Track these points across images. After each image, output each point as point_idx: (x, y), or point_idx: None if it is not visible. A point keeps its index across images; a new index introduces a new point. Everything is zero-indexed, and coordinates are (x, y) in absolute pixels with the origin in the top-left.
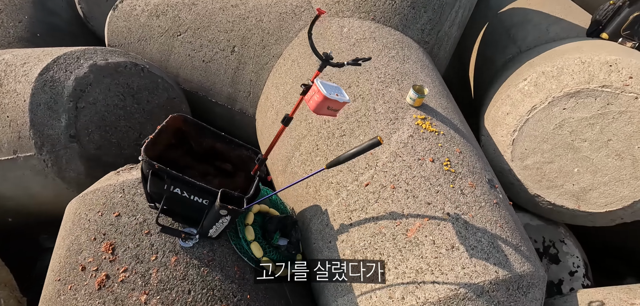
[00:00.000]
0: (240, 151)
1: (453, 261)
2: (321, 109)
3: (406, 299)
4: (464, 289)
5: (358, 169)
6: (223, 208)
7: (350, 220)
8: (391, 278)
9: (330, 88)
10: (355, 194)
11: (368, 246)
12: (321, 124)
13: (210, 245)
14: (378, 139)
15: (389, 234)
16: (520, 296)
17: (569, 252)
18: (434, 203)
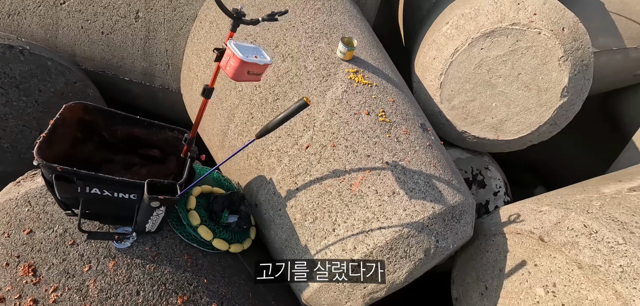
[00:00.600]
0: (164, 133)
1: (395, 205)
2: (240, 74)
3: (358, 248)
4: (407, 229)
5: (296, 133)
6: (153, 199)
7: (296, 185)
8: (342, 232)
9: (247, 50)
10: (297, 158)
11: (317, 207)
12: (252, 90)
13: (153, 240)
14: (304, 100)
15: (334, 192)
16: (454, 223)
17: (493, 176)
18: (373, 154)
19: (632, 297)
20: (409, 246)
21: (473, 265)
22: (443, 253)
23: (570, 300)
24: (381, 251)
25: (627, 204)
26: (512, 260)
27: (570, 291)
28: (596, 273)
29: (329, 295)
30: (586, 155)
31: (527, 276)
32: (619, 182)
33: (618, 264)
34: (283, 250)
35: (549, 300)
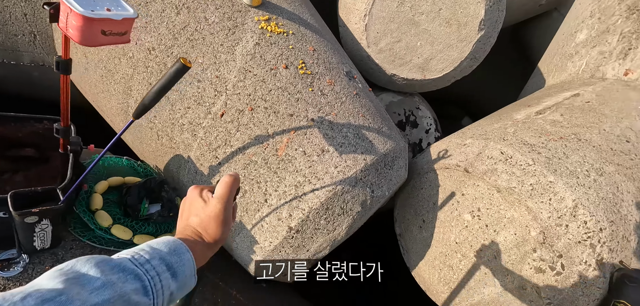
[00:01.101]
0: (30, 126)
1: (326, 164)
2: (92, 37)
3: (293, 215)
4: (341, 186)
5: (207, 100)
6: (26, 214)
7: (218, 159)
8: (274, 201)
9: (93, 2)
10: (213, 129)
11: (244, 180)
12: (147, 55)
13: (53, 256)
14: (181, 62)
15: (260, 161)
16: (388, 171)
17: (423, 115)
18: (296, 113)
19: (539, 210)
20: (345, 202)
21: (411, 202)
22: (380, 201)
23: (492, 220)
24: (317, 214)
25: (535, 128)
26: (443, 193)
27: (492, 213)
28: (511, 194)
29: (274, 266)
30: (502, 85)
31: (456, 206)
32: (528, 107)
33: (529, 183)
34: None
35: (475, 223)
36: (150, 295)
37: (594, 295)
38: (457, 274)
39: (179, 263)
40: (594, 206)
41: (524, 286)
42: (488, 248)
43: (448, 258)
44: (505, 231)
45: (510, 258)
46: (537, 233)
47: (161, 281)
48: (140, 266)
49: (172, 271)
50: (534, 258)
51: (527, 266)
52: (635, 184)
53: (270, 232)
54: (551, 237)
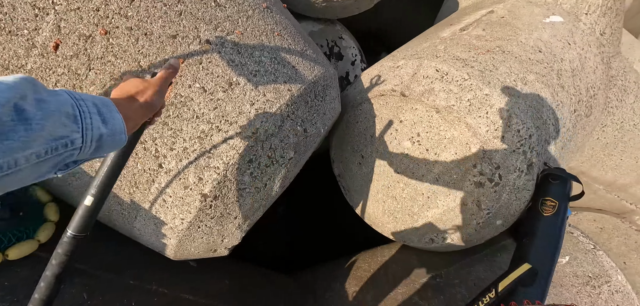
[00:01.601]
0: None
1: (237, 101)
2: None
3: (205, 178)
4: (263, 127)
5: (26, 26)
6: None
7: None
8: (173, 164)
9: None
10: (48, 69)
11: None
12: None
13: None
14: None
15: None
16: (319, 103)
17: (348, 45)
18: (181, 33)
19: (478, 125)
20: (272, 148)
21: (347, 139)
22: (315, 141)
23: (432, 143)
24: (238, 170)
25: (463, 43)
26: (380, 123)
27: (432, 135)
28: (450, 112)
29: (196, 243)
30: (419, 19)
31: (395, 134)
32: (451, 25)
33: (466, 99)
34: (111, 218)
35: (415, 149)
36: (79, 124)
37: (525, 197)
38: (400, 203)
39: (109, 115)
40: (524, 114)
41: (465, 202)
42: (430, 171)
43: (391, 190)
44: (446, 152)
45: (452, 177)
46: (477, 149)
47: (91, 118)
48: (75, 99)
49: (102, 117)
50: (474, 174)
51: (468, 182)
52: (549, 91)
53: (178, 206)
54: (490, 150)
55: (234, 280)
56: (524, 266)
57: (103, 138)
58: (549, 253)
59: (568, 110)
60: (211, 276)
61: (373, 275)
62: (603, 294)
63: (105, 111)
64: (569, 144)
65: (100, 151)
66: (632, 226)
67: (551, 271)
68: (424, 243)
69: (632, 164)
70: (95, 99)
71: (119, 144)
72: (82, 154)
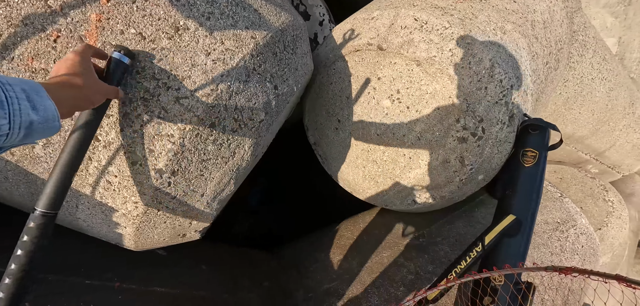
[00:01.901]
0: None
1: (189, 51)
2: None
3: (157, 148)
4: (224, 83)
5: None
6: None
7: None
8: (113, 135)
9: None
10: None
11: None
12: None
13: None
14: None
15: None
16: (290, 55)
17: (314, 3)
18: None
19: (461, 76)
20: (239, 109)
21: (321, 103)
22: (288, 101)
23: (413, 99)
24: (197, 137)
25: None
26: (356, 82)
27: (412, 91)
28: (432, 64)
29: (159, 230)
30: None
31: (373, 93)
32: None
33: (448, 49)
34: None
35: (395, 108)
36: (5, 109)
37: (506, 150)
38: (381, 167)
39: (39, 101)
40: (506, 64)
41: (448, 160)
42: (411, 130)
43: (371, 153)
44: (428, 108)
45: (435, 135)
46: (461, 102)
47: (20, 104)
48: (1, 84)
49: (32, 104)
50: (457, 129)
51: (451, 138)
52: (526, 41)
53: (128, 188)
54: (473, 103)
55: (211, 264)
56: (508, 218)
57: (33, 125)
58: (531, 202)
59: (542, 61)
60: (184, 264)
61: (356, 242)
62: (570, 237)
63: (35, 97)
64: (541, 97)
65: (31, 137)
66: (587, 174)
67: (533, 219)
68: (406, 205)
69: (589, 117)
70: (24, 84)
71: (53, 130)
72: (8, 140)
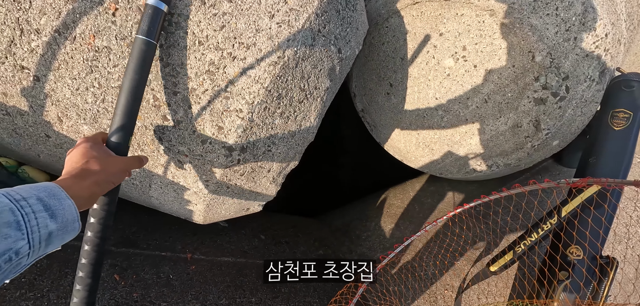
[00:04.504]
0: None
1: (251, 14)
2: None
3: (226, 125)
4: (290, 49)
5: None
6: None
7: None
8: (182, 113)
9: None
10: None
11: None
12: None
13: None
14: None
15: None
16: (351, 13)
17: None
18: None
19: (545, 26)
20: (305, 77)
21: (371, 66)
22: (349, 66)
23: (483, 57)
24: (266, 110)
25: None
26: (413, 40)
27: (482, 47)
28: (510, 13)
29: (227, 205)
30: None
31: (433, 52)
32: None
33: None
34: (122, 188)
35: (459, 68)
36: (23, 229)
37: (590, 112)
38: (438, 133)
39: (58, 206)
40: (600, 7)
41: (519, 124)
42: (477, 93)
43: (427, 119)
44: (500, 66)
45: (506, 96)
46: (543, 57)
47: (37, 219)
48: (15, 202)
49: (50, 212)
50: (535, 89)
51: (526, 100)
52: None
53: (199, 167)
54: (559, 57)
55: (267, 233)
56: (591, 188)
57: (53, 235)
58: (620, 171)
59: (636, 1)
60: (244, 234)
61: (407, 210)
62: None
63: (53, 203)
64: (631, 46)
65: (51, 246)
66: None
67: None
68: (464, 173)
69: None
70: (39, 192)
71: (72, 234)
72: (31, 258)
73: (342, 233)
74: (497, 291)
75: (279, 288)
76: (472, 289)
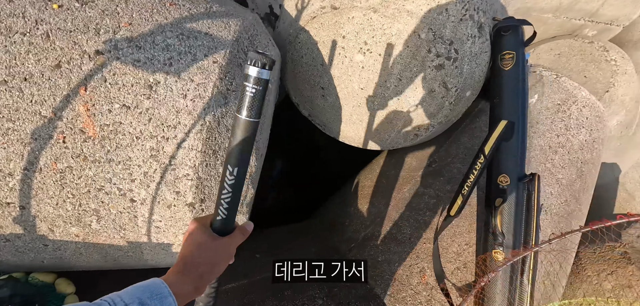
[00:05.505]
0: None
1: (168, 101)
2: None
3: (181, 189)
4: (208, 115)
5: None
6: None
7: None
8: (144, 193)
9: None
10: None
11: (76, 199)
12: None
13: None
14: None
15: (73, 162)
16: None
17: None
18: (62, 55)
19: (419, 8)
20: (229, 129)
21: (301, 77)
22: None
23: (382, 46)
24: (207, 166)
25: None
26: (324, 47)
27: (378, 38)
28: (388, 6)
29: None
30: None
31: (343, 53)
32: None
33: None
34: (120, 263)
35: (369, 59)
36: None
37: (484, 60)
38: (376, 116)
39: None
40: None
41: (432, 88)
42: (390, 75)
43: (362, 107)
44: (398, 49)
45: (413, 71)
46: (426, 33)
47: None
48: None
49: None
50: (431, 59)
51: (428, 70)
52: None
53: (172, 227)
54: (438, 28)
55: (264, 250)
56: (501, 124)
57: None
58: (519, 102)
59: None
60: (241, 257)
61: (377, 187)
62: (573, 114)
63: (154, 304)
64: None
65: None
66: (584, 40)
67: (525, 116)
68: (410, 140)
69: None
70: (143, 294)
71: None
72: None
73: (331, 224)
74: (465, 229)
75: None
76: (444, 236)
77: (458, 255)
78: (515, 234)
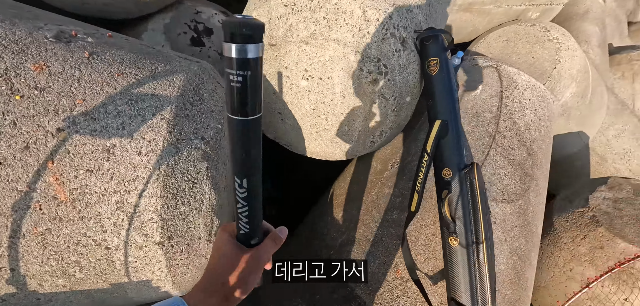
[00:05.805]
0: None
1: (125, 160)
2: None
3: (148, 230)
4: (163, 165)
5: None
6: None
7: None
8: (116, 240)
9: None
10: None
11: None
12: None
13: None
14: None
15: (51, 225)
16: (199, 105)
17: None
18: (29, 138)
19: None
20: (184, 172)
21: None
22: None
23: (320, 71)
24: (168, 207)
25: None
26: (272, 79)
27: (316, 65)
28: (316, 38)
29: (189, 275)
30: None
31: (289, 81)
32: None
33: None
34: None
35: (312, 84)
36: None
37: (414, 68)
38: (332, 130)
39: None
40: (376, 2)
41: (374, 100)
42: (334, 94)
43: (318, 125)
44: (335, 72)
45: (352, 88)
46: (354, 55)
47: None
48: None
49: None
50: (365, 76)
51: (366, 86)
52: None
53: (149, 264)
54: (364, 50)
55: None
56: (436, 123)
57: None
58: (449, 101)
59: None
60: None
61: (349, 193)
62: (515, 98)
63: None
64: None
65: None
66: (527, 23)
67: (457, 113)
68: (368, 147)
69: None
70: None
71: None
72: None
73: (311, 237)
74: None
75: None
76: (412, 230)
77: (426, 246)
78: (464, 219)
